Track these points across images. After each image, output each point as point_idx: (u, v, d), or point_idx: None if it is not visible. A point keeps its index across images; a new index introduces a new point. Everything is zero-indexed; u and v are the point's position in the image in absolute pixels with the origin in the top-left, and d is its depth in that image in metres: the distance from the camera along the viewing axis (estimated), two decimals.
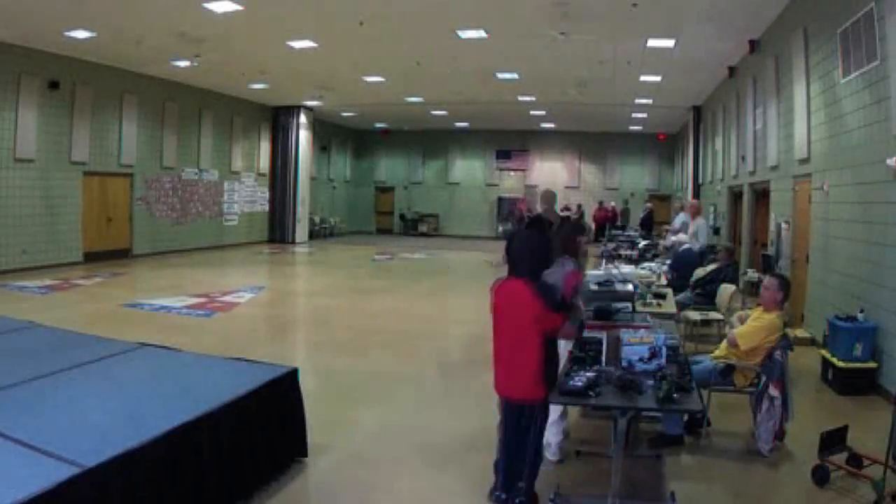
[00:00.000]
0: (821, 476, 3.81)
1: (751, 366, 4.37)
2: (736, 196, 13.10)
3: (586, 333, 3.89)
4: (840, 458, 3.90)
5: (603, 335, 3.68)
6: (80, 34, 11.09)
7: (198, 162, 17.21)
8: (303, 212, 20.84)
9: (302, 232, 20.84)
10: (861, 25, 6.11)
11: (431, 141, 26.19)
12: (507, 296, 3.37)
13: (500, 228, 25.43)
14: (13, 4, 9.47)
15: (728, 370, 4.47)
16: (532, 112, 20.11)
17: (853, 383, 5.62)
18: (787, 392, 4.22)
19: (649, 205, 22.50)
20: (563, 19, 9.74)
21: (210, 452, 3.13)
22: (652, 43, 11.02)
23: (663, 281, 7.52)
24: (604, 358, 3.60)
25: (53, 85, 12.43)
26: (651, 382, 3.25)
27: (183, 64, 13.49)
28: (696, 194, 17.64)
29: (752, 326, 4.41)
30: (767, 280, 4.68)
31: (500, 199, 25.83)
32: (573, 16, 9.55)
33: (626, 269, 7.56)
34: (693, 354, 4.97)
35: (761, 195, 10.92)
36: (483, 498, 3.69)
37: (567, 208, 24.44)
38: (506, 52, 12.22)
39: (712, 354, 4.69)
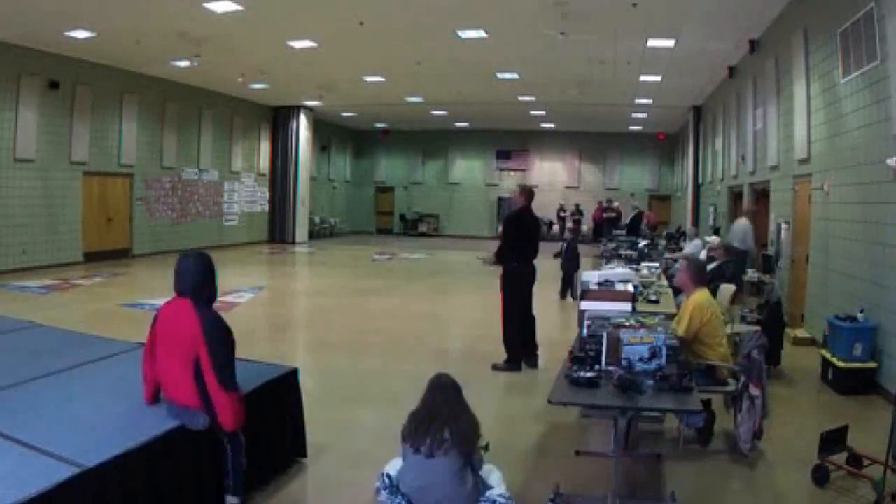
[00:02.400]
0: (821, 476, 3.81)
1: (728, 365, 4.36)
2: (736, 196, 13.10)
3: (586, 333, 3.89)
4: (840, 458, 3.90)
5: (603, 335, 3.68)
6: (80, 34, 11.09)
7: (198, 162, 17.21)
8: (303, 212, 20.85)
9: (302, 232, 20.84)
10: (861, 25, 6.11)
11: (431, 141, 26.17)
12: (169, 315, 3.13)
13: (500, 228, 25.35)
14: (13, 4, 9.47)
15: (709, 371, 4.44)
16: (532, 112, 20.11)
17: (853, 383, 5.62)
18: (764, 391, 4.20)
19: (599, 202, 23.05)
20: (563, 19, 9.74)
21: (210, 452, 3.13)
22: (652, 43, 11.02)
23: (663, 281, 7.52)
24: (604, 358, 3.60)
25: (53, 85, 12.43)
26: (651, 382, 3.25)
27: (183, 64, 13.48)
28: (696, 194, 17.67)
29: (681, 313, 4.52)
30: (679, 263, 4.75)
31: (500, 199, 25.84)
32: (573, 16, 9.55)
33: (624, 269, 7.54)
34: None
35: (761, 195, 10.92)
36: None
37: (563, 209, 24.52)
38: (506, 52, 12.22)
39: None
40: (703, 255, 9.37)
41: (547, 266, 8.96)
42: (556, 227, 24.97)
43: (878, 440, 3.95)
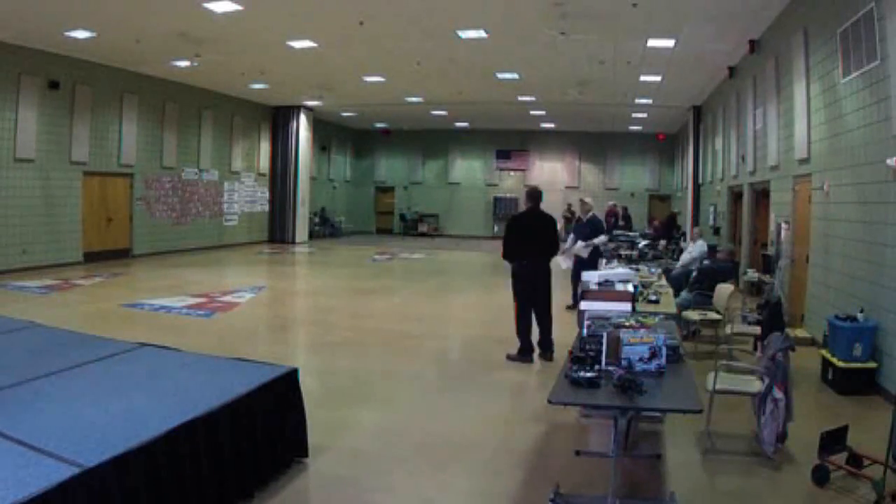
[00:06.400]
0: (821, 476, 3.80)
1: (754, 367, 4.36)
2: (736, 196, 13.10)
3: (586, 333, 3.89)
4: (840, 458, 3.90)
5: (603, 335, 3.68)
6: (80, 34, 11.09)
7: (198, 162, 17.21)
8: (303, 212, 20.87)
9: (302, 232, 20.86)
10: (861, 25, 6.11)
11: (431, 141, 26.18)
12: None
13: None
14: (13, 4, 9.47)
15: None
16: (532, 112, 20.11)
17: (853, 383, 5.62)
18: (789, 393, 4.21)
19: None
20: (563, 19, 9.74)
21: (210, 452, 3.13)
22: (652, 43, 11.02)
23: (663, 281, 7.52)
24: (604, 358, 3.60)
25: (53, 85, 12.43)
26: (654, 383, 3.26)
27: (183, 64, 13.48)
28: (696, 194, 17.66)
29: None
30: None
31: (499, 199, 25.84)
32: (573, 16, 9.55)
33: (625, 269, 7.55)
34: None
35: (761, 195, 10.93)
36: (484, 497, 3.69)
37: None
38: (506, 52, 12.22)
39: None
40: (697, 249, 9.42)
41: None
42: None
43: (878, 440, 3.95)
